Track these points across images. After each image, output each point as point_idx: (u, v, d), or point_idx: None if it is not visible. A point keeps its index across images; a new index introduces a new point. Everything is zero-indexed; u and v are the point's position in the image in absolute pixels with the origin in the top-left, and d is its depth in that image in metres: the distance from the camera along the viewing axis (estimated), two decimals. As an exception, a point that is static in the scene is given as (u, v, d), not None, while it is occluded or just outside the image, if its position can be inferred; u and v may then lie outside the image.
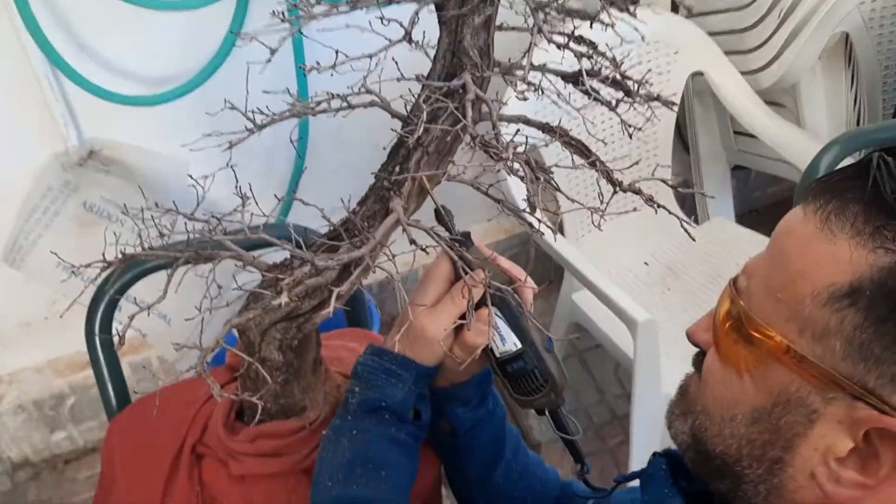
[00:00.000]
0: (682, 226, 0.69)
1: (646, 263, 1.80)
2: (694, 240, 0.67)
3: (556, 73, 0.70)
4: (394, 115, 0.72)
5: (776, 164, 1.90)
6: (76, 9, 1.43)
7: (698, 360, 0.59)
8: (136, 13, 1.40)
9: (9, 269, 1.55)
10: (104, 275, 0.76)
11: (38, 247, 1.49)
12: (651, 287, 1.74)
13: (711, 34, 1.77)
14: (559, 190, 0.64)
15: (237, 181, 0.71)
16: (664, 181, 0.71)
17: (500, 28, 0.69)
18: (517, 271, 0.78)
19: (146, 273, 1.00)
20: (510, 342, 0.76)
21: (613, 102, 0.73)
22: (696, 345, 0.60)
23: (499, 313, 0.76)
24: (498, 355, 0.77)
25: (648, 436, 1.46)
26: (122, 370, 1.04)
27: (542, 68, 0.69)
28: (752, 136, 1.76)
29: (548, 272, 2.33)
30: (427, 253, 0.64)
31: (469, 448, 0.82)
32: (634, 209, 0.66)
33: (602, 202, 0.65)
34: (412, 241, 0.65)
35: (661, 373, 1.41)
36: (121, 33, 1.48)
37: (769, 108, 1.73)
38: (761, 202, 2.51)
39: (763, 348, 0.51)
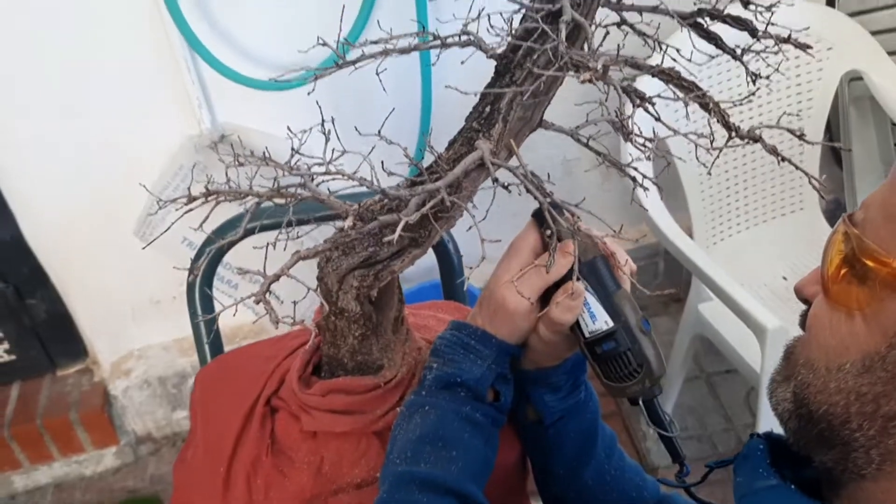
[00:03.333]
0: (810, 182, 0.59)
1: (784, 278, 1.64)
2: (823, 197, 0.58)
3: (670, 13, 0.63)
4: (488, 54, 0.67)
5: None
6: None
7: (804, 320, 0.52)
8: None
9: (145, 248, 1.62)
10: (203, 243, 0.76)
11: (165, 222, 1.55)
12: (787, 303, 1.58)
13: (873, 33, 1.61)
14: (659, 119, 0.57)
15: (328, 139, 0.69)
16: (792, 132, 0.62)
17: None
18: (612, 244, 0.71)
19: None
20: (601, 320, 0.68)
21: (739, 51, 0.65)
22: (804, 300, 0.53)
23: (589, 288, 0.69)
24: (587, 335, 0.69)
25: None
26: (220, 330, 1.04)
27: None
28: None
29: (675, 286, 2.20)
30: (510, 192, 0.59)
31: (557, 440, 0.76)
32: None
33: (711, 146, 0.57)
34: (495, 180, 0.60)
35: (792, 391, 1.26)
36: (257, 19, 1.53)
37: (937, 116, 1.55)
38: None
39: (878, 279, 0.43)
